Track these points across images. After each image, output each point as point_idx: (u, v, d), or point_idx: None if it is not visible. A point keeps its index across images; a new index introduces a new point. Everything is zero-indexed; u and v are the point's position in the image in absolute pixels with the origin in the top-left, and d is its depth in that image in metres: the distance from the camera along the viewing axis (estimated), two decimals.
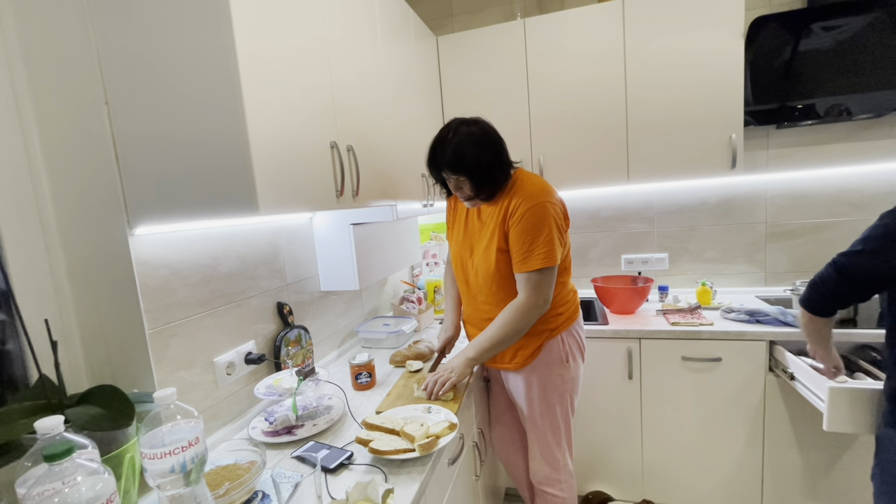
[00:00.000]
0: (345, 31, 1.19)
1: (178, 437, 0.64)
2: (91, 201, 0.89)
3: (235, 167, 0.81)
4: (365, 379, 1.36)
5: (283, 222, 1.40)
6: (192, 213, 0.86)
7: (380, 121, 1.39)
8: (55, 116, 0.88)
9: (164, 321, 0.98)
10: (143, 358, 0.94)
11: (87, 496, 0.54)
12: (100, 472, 0.57)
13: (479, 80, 2.03)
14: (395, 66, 1.56)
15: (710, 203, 2.11)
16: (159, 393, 0.65)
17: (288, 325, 1.36)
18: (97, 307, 0.93)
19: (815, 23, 1.72)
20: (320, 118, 1.05)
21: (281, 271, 1.37)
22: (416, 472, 0.93)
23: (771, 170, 2.01)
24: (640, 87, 1.82)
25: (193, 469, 0.65)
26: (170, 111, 0.83)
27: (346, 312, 1.74)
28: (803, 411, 1.58)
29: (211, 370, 1.10)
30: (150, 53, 0.82)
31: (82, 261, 0.92)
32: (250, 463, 0.90)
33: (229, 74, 0.79)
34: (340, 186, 1.10)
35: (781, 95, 1.79)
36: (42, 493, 0.52)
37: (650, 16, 1.77)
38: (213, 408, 1.11)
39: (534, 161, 1.99)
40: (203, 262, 1.09)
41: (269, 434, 1.09)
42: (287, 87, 0.93)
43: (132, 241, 0.90)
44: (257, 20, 0.84)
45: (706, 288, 1.93)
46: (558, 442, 1.40)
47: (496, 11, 2.28)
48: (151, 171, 0.86)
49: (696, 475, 1.77)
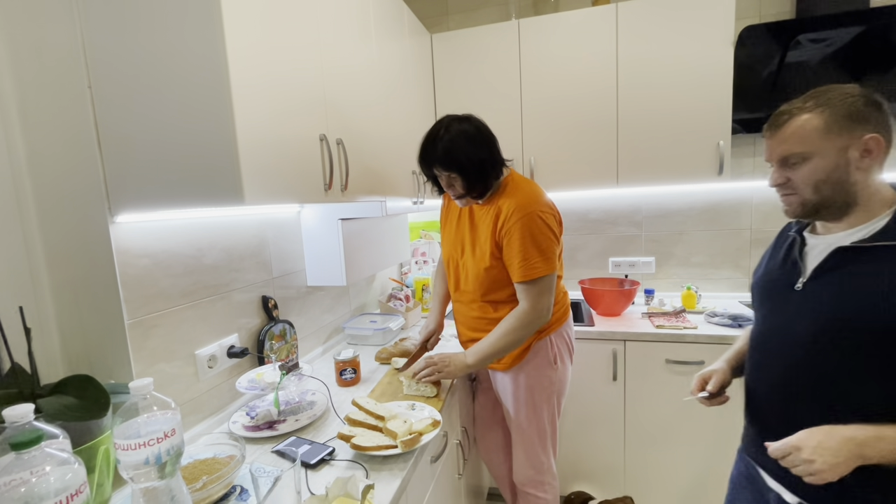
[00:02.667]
0: (337, 26, 1.18)
1: (153, 428, 0.63)
2: (72, 187, 0.87)
3: (221, 156, 0.80)
4: (349, 375, 1.35)
5: (271, 215, 1.38)
6: (175, 201, 0.84)
7: (371, 116, 1.38)
8: (36, 100, 0.86)
9: (145, 312, 0.96)
10: (122, 349, 0.92)
11: (56, 486, 0.52)
12: (70, 462, 0.55)
13: (472, 79, 2.03)
14: (389, 62, 1.55)
15: (696, 208, 2.14)
16: (135, 383, 0.64)
17: (273, 319, 1.34)
18: (75, 296, 0.91)
19: (803, 34, 1.75)
20: (310, 110, 1.04)
21: (267, 265, 1.36)
22: (397, 468, 0.92)
23: (757, 177, 2.04)
24: (630, 92, 1.83)
25: (169, 461, 0.63)
26: (155, 97, 0.81)
27: (332, 308, 1.72)
28: None
29: (192, 363, 1.08)
30: (135, 38, 0.80)
31: (61, 248, 0.90)
32: (229, 457, 0.88)
33: (217, 63, 0.77)
34: (329, 180, 1.09)
35: (769, 104, 1.82)
36: (8, 483, 0.51)
37: (643, 22, 1.79)
38: (193, 401, 1.09)
39: (524, 162, 2.00)
40: (187, 252, 1.07)
41: (249, 429, 1.07)
42: (277, 78, 0.92)
43: (113, 228, 0.88)
44: (247, 10, 0.83)
45: (691, 292, 1.96)
46: (543, 444, 1.40)
47: (491, 11, 2.29)
48: (135, 158, 0.84)
49: (677, 476, 1.79)
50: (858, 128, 0.76)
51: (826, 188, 0.78)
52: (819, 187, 0.79)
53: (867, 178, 0.78)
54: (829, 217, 0.82)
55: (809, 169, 0.79)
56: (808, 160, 0.79)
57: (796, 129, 0.79)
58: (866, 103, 0.76)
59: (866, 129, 0.76)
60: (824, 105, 0.78)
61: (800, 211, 0.83)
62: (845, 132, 0.76)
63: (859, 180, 0.77)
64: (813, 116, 0.78)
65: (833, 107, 0.77)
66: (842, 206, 0.80)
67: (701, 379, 1.02)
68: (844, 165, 0.77)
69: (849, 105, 0.76)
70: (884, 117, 0.77)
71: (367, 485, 0.79)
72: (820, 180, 0.78)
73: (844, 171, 0.77)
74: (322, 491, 0.81)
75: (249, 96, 0.83)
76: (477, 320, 1.38)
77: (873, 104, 0.77)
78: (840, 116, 0.76)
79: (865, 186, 0.78)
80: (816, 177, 0.78)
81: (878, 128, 0.76)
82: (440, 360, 1.28)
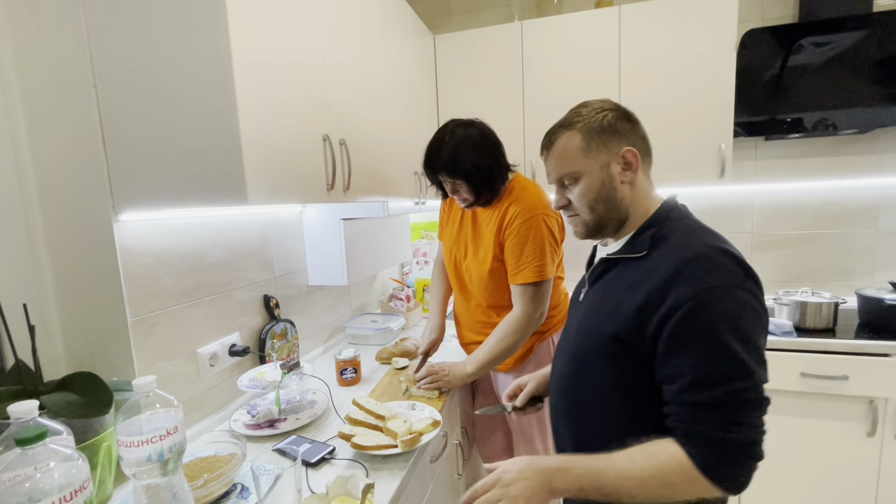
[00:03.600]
0: (340, 26, 1.18)
1: (156, 425, 0.63)
2: (76, 185, 0.88)
3: (225, 155, 0.80)
4: (350, 374, 1.36)
5: (273, 214, 1.38)
6: (179, 200, 0.85)
7: (374, 116, 1.39)
8: (42, 99, 0.87)
9: (147, 309, 0.96)
10: (124, 346, 0.92)
11: (60, 482, 0.53)
12: (74, 458, 0.56)
13: (474, 80, 2.03)
14: (392, 63, 1.55)
15: (697, 211, 2.06)
16: (138, 380, 0.64)
17: (274, 318, 1.35)
18: (78, 293, 0.92)
19: (806, 38, 1.75)
20: (313, 111, 1.04)
21: (269, 264, 1.36)
22: (397, 468, 0.93)
23: (758, 180, 2.04)
24: (633, 93, 1.84)
25: (171, 458, 0.64)
26: (160, 97, 0.82)
27: (333, 308, 1.73)
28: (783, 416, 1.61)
29: (194, 361, 1.09)
30: (140, 39, 0.81)
31: (65, 246, 0.91)
32: (230, 455, 0.89)
33: (222, 63, 0.78)
34: (331, 179, 1.10)
35: (771, 108, 1.83)
36: (13, 479, 0.51)
37: (645, 24, 1.79)
38: (194, 399, 1.09)
39: (527, 164, 2.00)
40: (189, 251, 1.07)
41: (250, 427, 1.08)
42: (280, 78, 0.92)
43: (117, 227, 0.89)
44: (252, 11, 0.83)
45: None
46: (545, 446, 1.40)
47: (494, 12, 2.29)
48: (139, 157, 0.85)
49: None
50: (614, 142, 0.75)
51: (599, 206, 0.77)
52: (593, 206, 0.77)
53: (633, 191, 0.77)
54: (610, 234, 0.81)
55: (581, 189, 0.77)
56: (579, 180, 0.77)
57: (562, 150, 0.78)
58: (617, 117, 0.76)
59: (622, 142, 0.75)
60: (581, 122, 0.77)
61: (584, 231, 0.81)
62: (604, 148, 0.75)
63: (626, 195, 0.76)
64: (573, 135, 0.77)
65: (588, 123, 0.76)
66: (617, 224, 0.78)
67: (517, 386, 1.03)
68: (609, 181, 0.76)
69: (601, 120, 0.76)
70: (635, 128, 0.77)
71: (367, 484, 0.79)
72: (592, 199, 0.77)
73: (611, 187, 0.76)
74: (322, 489, 0.82)
75: (253, 97, 0.83)
76: (481, 324, 1.38)
77: (624, 117, 0.77)
78: (596, 133, 0.75)
79: (633, 200, 0.77)
80: (589, 196, 0.77)
81: (633, 140, 0.76)
82: (440, 368, 1.28)
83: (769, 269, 2.08)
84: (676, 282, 0.65)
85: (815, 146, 1.97)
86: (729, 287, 0.63)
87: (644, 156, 0.77)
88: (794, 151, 1.99)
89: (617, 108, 0.78)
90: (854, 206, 1.96)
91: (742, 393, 0.61)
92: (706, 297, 0.63)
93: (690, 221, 0.75)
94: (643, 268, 0.71)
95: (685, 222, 0.75)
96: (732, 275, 0.64)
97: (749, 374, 0.62)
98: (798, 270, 2.05)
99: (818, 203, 2.00)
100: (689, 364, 0.63)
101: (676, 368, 0.65)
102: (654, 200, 0.79)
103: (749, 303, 0.63)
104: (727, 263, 0.65)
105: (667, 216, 0.76)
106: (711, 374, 0.62)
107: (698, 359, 0.63)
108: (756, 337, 0.64)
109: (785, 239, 2.05)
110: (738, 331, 0.62)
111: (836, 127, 1.77)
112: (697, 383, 0.63)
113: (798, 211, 2.02)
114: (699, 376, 0.63)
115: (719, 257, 0.65)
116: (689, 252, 0.67)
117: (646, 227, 0.76)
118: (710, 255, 0.66)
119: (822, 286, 2.01)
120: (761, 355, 0.64)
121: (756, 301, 0.64)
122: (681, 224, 0.74)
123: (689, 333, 0.64)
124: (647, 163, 0.79)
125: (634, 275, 0.72)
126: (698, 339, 0.63)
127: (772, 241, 2.07)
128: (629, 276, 0.73)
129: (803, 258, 2.04)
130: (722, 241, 0.69)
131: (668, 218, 0.75)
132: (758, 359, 0.63)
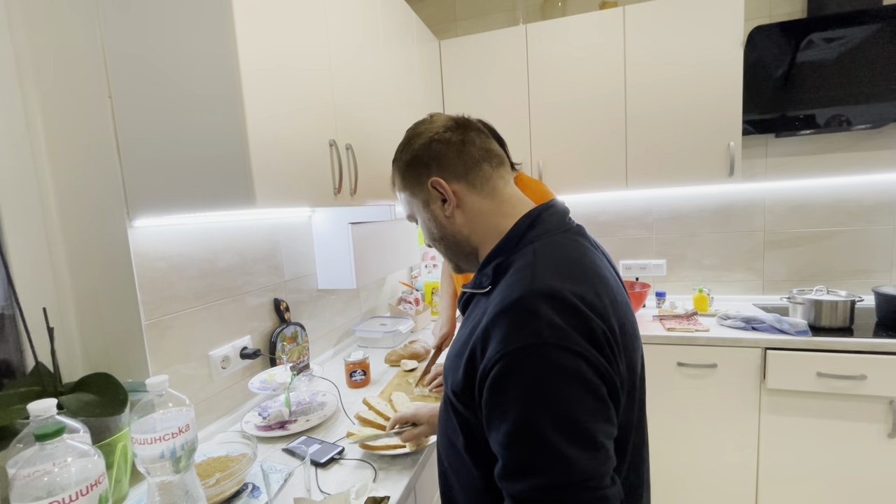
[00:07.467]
0: (347, 32, 1.21)
1: (168, 423, 0.65)
2: (92, 193, 0.91)
3: (234, 160, 0.83)
4: (359, 377, 1.37)
5: (282, 219, 1.41)
6: (190, 205, 0.87)
7: (380, 121, 1.41)
8: (59, 108, 0.90)
9: (161, 313, 0.99)
10: (139, 349, 0.95)
11: (77, 478, 0.55)
12: (90, 454, 0.58)
13: (480, 85, 2.04)
14: (397, 68, 1.57)
15: (708, 210, 2.11)
16: (151, 380, 0.66)
17: (284, 321, 1.37)
18: (95, 297, 0.95)
19: (815, 33, 1.73)
20: (320, 116, 1.06)
21: (279, 268, 1.38)
22: (406, 468, 0.93)
23: (770, 178, 2.01)
24: (639, 94, 1.83)
25: (183, 456, 0.65)
26: (171, 105, 0.84)
27: (343, 311, 1.75)
28: (800, 417, 1.58)
29: (206, 363, 1.11)
30: (153, 48, 0.84)
31: (82, 251, 0.94)
32: (241, 455, 0.90)
33: (230, 71, 0.80)
34: (338, 184, 1.11)
35: (781, 105, 1.80)
36: (32, 474, 0.53)
37: (650, 24, 1.79)
38: (207, 401, 1.11)
39: (533, 165, 2.00)
40: (201, 255, 1.10)
41: (261, 428, 1.09)
42: (287, 84, 0.94)
43: (131, 233, 0.92)
44: (259, 18, 0.86)
45: (703, 294, 1.93)
46: None
47: (499, 17, 2.31)
48: (152, 164, 0.87)
49: (689, 480, 1.76)
50: (424, 174, 0.64)
51: (439, 246, 0.68)
52: (437, 246, 0.69)
53: (469, 217, 0.64)
54: (473, 268, 0.69)
55: (421, 229, 0.69)
56: (416, 220, 0.69)
57: (396, 189, 0.70)
58: (429, 140, 0.65)
59: (429, 172, 0.64)
60: (397, 156, 0.68)
61: (454, 268, 0.71)
62: (416, 184, 0.65)
63: (461, 225, 0.64)
64: (395, 173, 0.69)
65: (400, 158, 0.67)
66: (470, 256, 0.67)
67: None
68: (434, 219, 0.66)
69: (412, 150, 0.65)
70: (442, 148, 0.64)
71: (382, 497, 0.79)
72: (430, 240, 0.69)
73: (439, 224, 0.65)
74: (333, 490, 0.83)
75: (261, 103, 0.85)
76: None
77: (430, 142, 0.65)
78: (408, 168, 0.66)
79: (473, 228, 0.64)
80: (427, 237, 0.69)
81: (446, 162, 0.63)
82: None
83: (782, 267, 2.05)
84: (492, 335, 0.52)
85: (829, 142, 1.93)
86: (537, 348, 0.48)
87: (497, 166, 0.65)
88: (806, 148, 1.96)
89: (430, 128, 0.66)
90: (870, 203, 1.92)
91: (558, 491, 0.46)
92: (508, 362, 0.49)
93: (541, 244, 0.58)
94: (487, 307, 0.56)
95: (535, 245, 0.58)
96: (548, 328, 0.48)
97: (563, 466, 0.46)
98: (813, 269, 2.01)
99: (833, 200, 1.96)
100: (501, 444, 0.50)
101: (495, 445, 0.52)
102: (509, 217, 0.63)
103: (565, 366, 0.47)
104: (544, 314, 0.49)
105: (518, 238, 0.60)
106: (520, 462, 0.48)
107: (508, 439, 0.49)
108: (576, 411, 0.47)
109: (798, 237, 2.02)
110: (549, 406, 0.47)
111: (850, 122, 1.74)
112: (509, 471, 0.50)
113: (812, 208, 1.99)
114: (509, 463, 0.49)
115: (538, 305, 0.49)
116: (510, 296, 0.52)
117: (493, 255, 0.62)
118: (529, 302, 0.50)
119: (838, 284, 1.97)
120: (588, 434, 0.47)
121: (580, 360, 0.48)
122: (529, 249, 0.58)
123: (494, 405, 0.51)
124: (497, 172, 0.65)
125: (479, 315, 0.57)
126: (502, 416, 0.50)
127: (785, 239, 2.03)
128: (478, 315, 0.58)
129: (818, 256, 2.00)
130: (563, 278, 0.52)
131: (520, 240, 0.60)
132: (582, 441, 0.47)
